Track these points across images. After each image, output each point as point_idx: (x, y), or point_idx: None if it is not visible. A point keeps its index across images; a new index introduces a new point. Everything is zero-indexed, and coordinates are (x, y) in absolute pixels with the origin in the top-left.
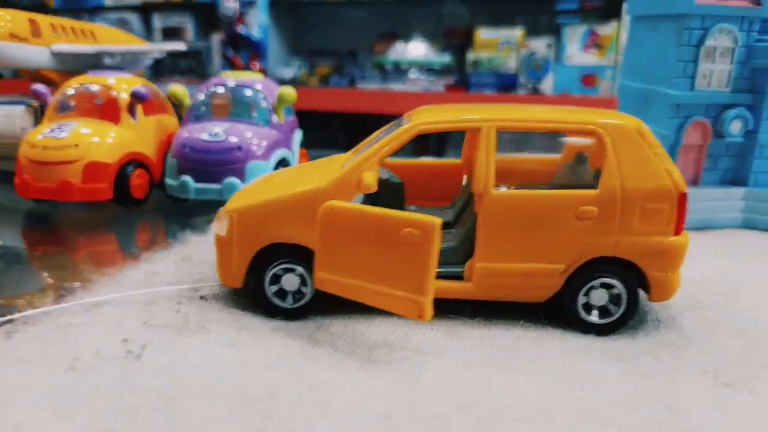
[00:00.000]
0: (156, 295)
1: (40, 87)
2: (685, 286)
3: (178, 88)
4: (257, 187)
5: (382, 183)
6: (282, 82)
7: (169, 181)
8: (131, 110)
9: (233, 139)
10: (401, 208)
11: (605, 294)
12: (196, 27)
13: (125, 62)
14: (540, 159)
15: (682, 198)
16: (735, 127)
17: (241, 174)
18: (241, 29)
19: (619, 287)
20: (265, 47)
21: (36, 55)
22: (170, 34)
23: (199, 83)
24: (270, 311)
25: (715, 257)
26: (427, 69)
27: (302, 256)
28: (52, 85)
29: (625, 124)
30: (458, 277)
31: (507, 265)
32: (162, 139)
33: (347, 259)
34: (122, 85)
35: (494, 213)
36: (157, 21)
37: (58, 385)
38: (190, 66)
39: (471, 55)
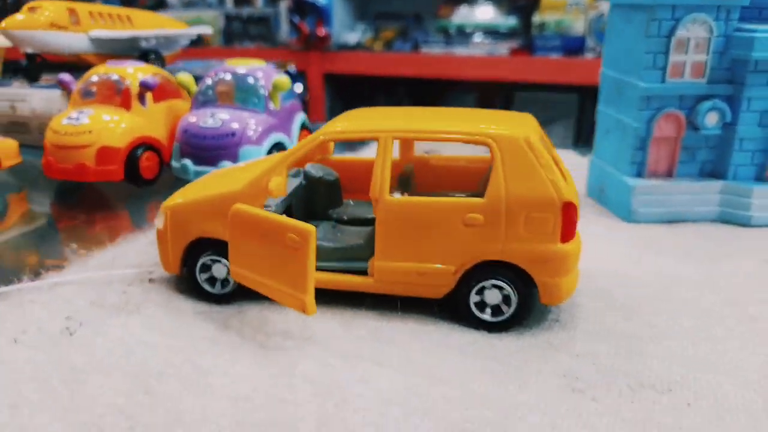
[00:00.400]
0: (113, 277)
1: (65, 76)
2: (612, 286)
3: (185, 77)
4: (198, 185)
5: (317, 180)
6: (346, 47)
7: (174, 164)
8: (141, 98)
9: (228, 126)
10: (337, 202)
11: (498, 294)
12: None
13: (160, 45)
14: (475, 159)
15: (567, 207)
16: (710, 120)
17: (234, 158)
18: None
19: (507, 289)
20: (330, 12)
21: (76, 41)
22: (241, 0)
23: (269, 49)
24: (202, 296)
25: (658, 255)
26: (492, 32)
27: (225, 249)
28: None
29: (514, 135)
30: (365, 272)
31: (403, 264)
32: (173, 124)
33: (250, 256)
34: (134, 74)
35: (389, 217)
36: None
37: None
38: (260, 32)
39: (537, 18)
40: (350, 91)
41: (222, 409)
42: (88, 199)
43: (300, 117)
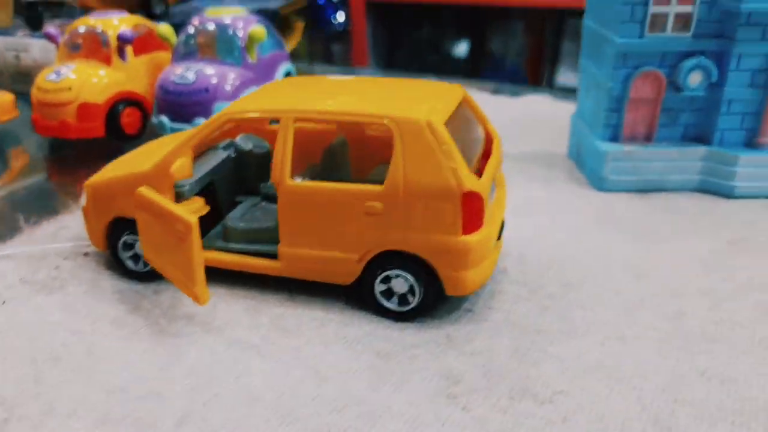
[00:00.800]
0: (50, 251)
1: (51, 29)
2: (545, 268)
3: (164, 28)
4: (121, 161)
5: (247, 153)
6: None
7: (153, 119)
8: (121, 51)
9: (202, 81)
10: (268, 174)
11: (405, 283)
12: None
13: None
14: None
15: (468, 197)
16: (694, 79)
17: (208, 114)
18: None
19: (410, 279)
20: None
21: None
22: None
23: None
24: (126, 273)
25: (612, 231)
26: None
27: None
28: None
29: (416, 119)
30: (276, 255)
31: (307, 250)
32: (156, 77)
33: (152, 240)
34: (112, 27)
35: (291, 202)
36: None
37: None
38: None
39: None
40: (394, 20)
41: (96, 401)
42: (70, 158)
43: (285, 67)
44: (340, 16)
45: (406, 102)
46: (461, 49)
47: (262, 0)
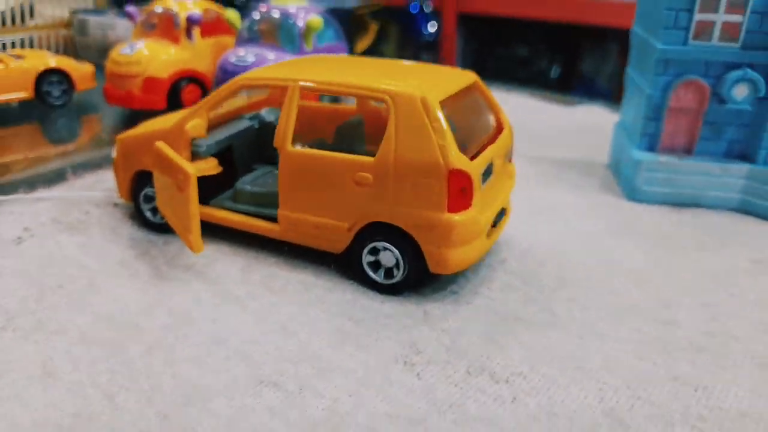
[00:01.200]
0: (85, 198)
1: (131, 8)
2: (548, 267)
3: (231, 13)
4: (154, 121)
5: (267, 125)
6: None
7: None
8: (188, 32)
9: (258, 64)
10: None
11: (392, 257)
12: None
13: None
14: None
15: (454, 175)
16: (739, 92)
17: None
18: None
19: (395, 252)
20: None
21: None
22: None
23: None
24: (145, 224)
25: (628, 239)
26: None
27: None
28: None
29: (411, 94)
30: (276, 218)
31: (302, 215)
32: (219, 58)
33: (162, 191)
34: (182, 9)
35: (290, 167)
36: None
37: None
38: None
39: None
40: (485, 33)
41: (81, 323)
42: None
43: None
44: (432, 27)
45: (408, 79)
46: (552, 65)
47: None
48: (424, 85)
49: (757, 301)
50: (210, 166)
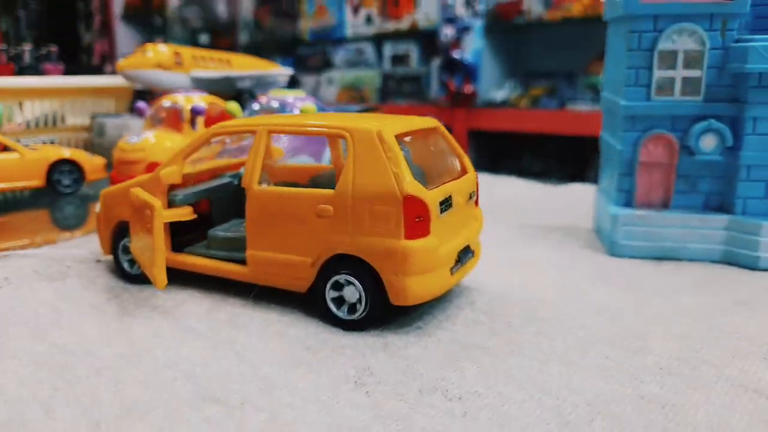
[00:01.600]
0: (70, 255)
1: (140, 104)
2: (518, 306)
3: (233, 105)
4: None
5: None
6: (492, 104)
7: None
8: (192, 122)
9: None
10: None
11: (355, 292)
12: (420, 53)
13: (255, 85)
14: None
15: (409, 201)
16: (707, 143)
17: None
18: (455, 54)
19: (357, 285)
20: (478, 70)
21: (178, 80)
22: (398, 60)
23: (419, 106)
24: (124, 276)
25: (603, 285)
26: None
27: None
28: None
29: (368, 128)
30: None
31: (268, 253)
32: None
33: (135, 234)
34: (188, 102)
35: (256, 206)
36: (387, 49)
37: None
38: (412, 90)
39: None
40: (495, 147)
41: (36, 351)
42: None
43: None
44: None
45: (368, 120)
46: (562, 178)
47: (344, 108)
48: (381, 123)
49: (735, 333)
50: (184, 213)
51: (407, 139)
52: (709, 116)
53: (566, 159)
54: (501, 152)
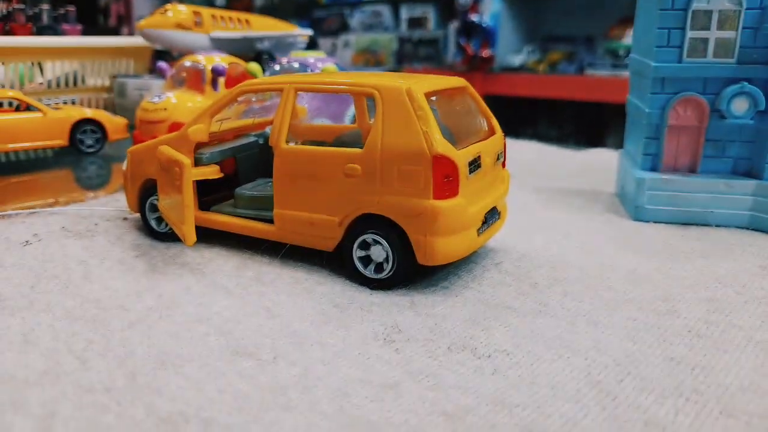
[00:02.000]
0: (99, 212)
1: (161, 64)
2: (543, 269)
3: (254, 65)
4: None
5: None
6: (510, 69)
7: None
8: (214, 83)
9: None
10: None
11: (382, 251)
12: (437, 16)
13: (274, 46)
14: None
15: (438, 161)
16: (738, 107)
17: None
18: (473, 17)
19: (384, 245)
20: (496, 35)
21: (198, 41)
22: (414, 23)
23: (435, 69)
24: (151, 233)
25: (627, 250)
26: None
27: None
28: None
29: (397, 86)
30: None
31: (296, 212)
32: None
33: (163, 191)
34: (209, 62)
35: (284, 165)
36: (404, 12)
37: None
38: (429, 53)
39: None
40: (512, 112)
41: (69, 305)
42: None
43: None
44: None
45: (397, 78)
46: (579, 145)
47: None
48: (409, 81)
49: (764, 298)
50: (211, 171)
51: (435, 98)
52: (741, 79)
53: (584, 126)
54: (518, 118)
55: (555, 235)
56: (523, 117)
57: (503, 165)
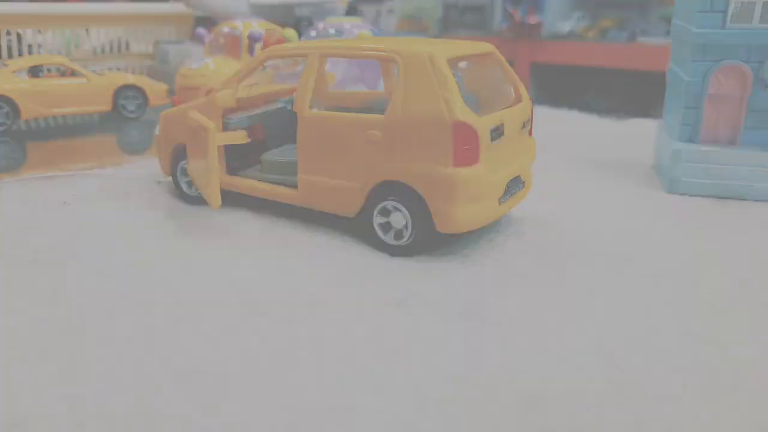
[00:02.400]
0: (133, 175)
1: (200, 30)
2: (570, 237)
3: (290, 31)
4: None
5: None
6: (559, 36)
7: None
8: (250, 49)
9: None
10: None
11: (402, 219)
12: None
13: (314, 13)
14: None
15: (458, 128)
16: None
17: None
18: None
19: (404, 212)
20: (544, 0)
21: (238, 6)
22: None
23: (481, 37)
24: (182, 197)
25: (661, 221)
26: None
27: None
28: None
29: (419, 52)
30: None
31: (318, 178)
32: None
33: (191, 155)
34: (246, 29)
35: (308, 131)
36: None
37: (11, 209)
38: (475, 20)
39: None
40: (559, 82)
41: (99, 262)
42: None
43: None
44: None
45: (420, 44)
46: (627, 115)
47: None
48: (432, 47)
49: None
50: (238, 136)
51: (463, 65)
52: None
53: (635, 96)
54: (564, 88)
55: (583, 206)
56: (571, 86)
57: (530, 133)
